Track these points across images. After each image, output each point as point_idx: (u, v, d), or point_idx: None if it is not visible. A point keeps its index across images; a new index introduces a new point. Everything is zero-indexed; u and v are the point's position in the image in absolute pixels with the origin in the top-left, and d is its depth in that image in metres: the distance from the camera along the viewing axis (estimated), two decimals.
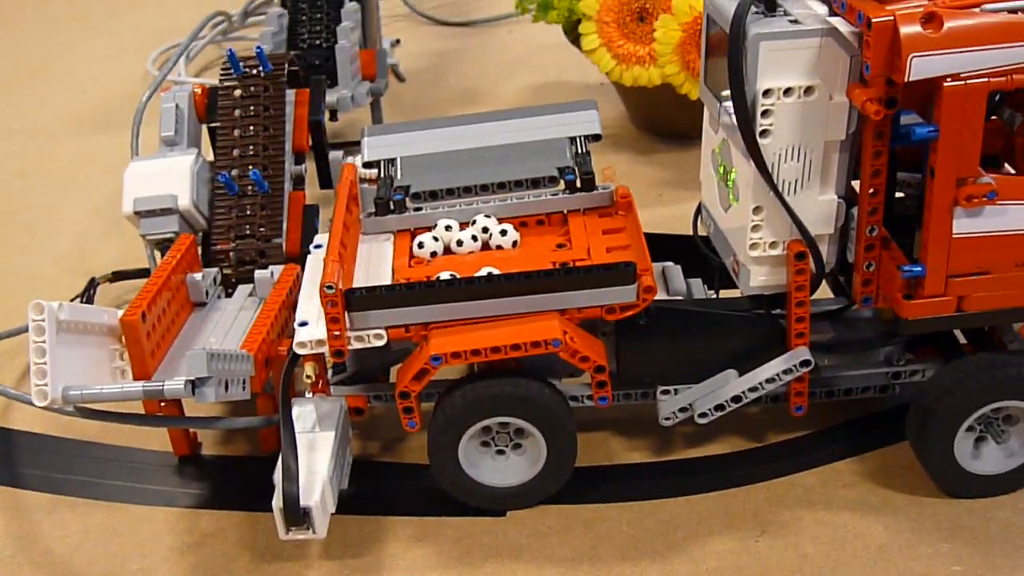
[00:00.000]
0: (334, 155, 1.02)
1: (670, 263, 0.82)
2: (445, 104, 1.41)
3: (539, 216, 0.81)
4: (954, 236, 0.66)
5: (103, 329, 0.75)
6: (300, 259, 0.92)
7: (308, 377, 0.75)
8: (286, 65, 0.98)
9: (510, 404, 0.72)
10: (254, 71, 0.98)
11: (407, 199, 0.82)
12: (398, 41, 1.57)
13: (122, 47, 1.79)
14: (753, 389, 0.74)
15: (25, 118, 1.55)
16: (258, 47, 0.98)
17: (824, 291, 0.76)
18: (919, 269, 0.67)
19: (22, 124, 1.53)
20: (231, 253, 0.91)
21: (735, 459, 0.80)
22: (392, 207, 0.82)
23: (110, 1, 2.05)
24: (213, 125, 0.98)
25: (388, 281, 0.76)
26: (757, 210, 0.70)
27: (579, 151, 0.83)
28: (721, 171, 0.75)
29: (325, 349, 0.73)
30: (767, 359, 0.75)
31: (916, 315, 0.69)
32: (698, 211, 0.82)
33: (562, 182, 0.81)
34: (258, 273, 0.86)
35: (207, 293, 0.87)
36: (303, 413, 0.74)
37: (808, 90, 0.66)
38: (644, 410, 0.80)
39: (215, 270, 0.89)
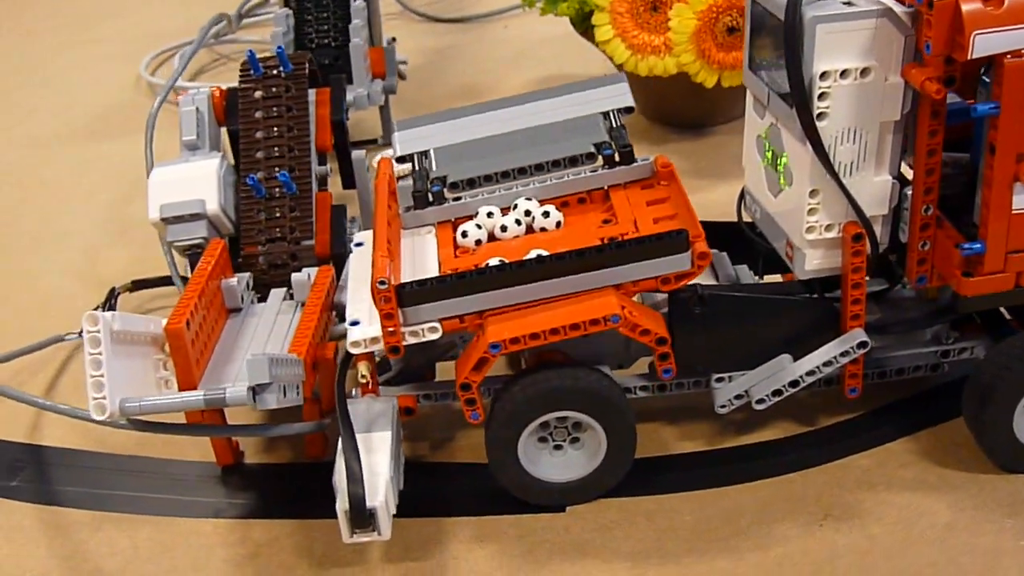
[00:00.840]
0: (357, 154, 1.00)
1: (714, 250, 0.82)
2: (448, 101, 1.40)
3: (580, 194, 0.80)
4: (1014, 212, 0.66)
5: (147, 339, 0.73)
6: (331, 260, 0.91)
7: (363, 377, 0.74)
8: (307, 65, 0.97)
9: (571, 397, 0.71)
10: (274, 71, 0.97)
11: (445, 190, 0.81)
12: (394, 39, 1.55)
13: (109, 53, 1.76)
14: (811, 373, 0.74)
15: (16, 128, 1.52)
16: (279, 47, 0.96)
17: None
18: (979, 246, 0.67)
19: (14, 134, 1.50)
20: (260, 257, 0.90)
21: (790, 444, 0.79)
22: (431, 199, 0.81)
23: (89, 8, 2.02)
24: (233, 128, 0.96)
25: (436, 273, 0.75)
26: (813, 193, 0.69)
27: (613, 125, 0.82)
28: (769, 156, 0.75)
29: (379, 347, 0.72)
30: (821, 342, 0.75)
31: (975, 292, 0.69)
32: (742, 196, 0.81)
33: (600, 158, 0.80)
34: (295, 276, 0.85)
35: (242, 298, 0.85)
36: (356, 414, 0.73)
37: (864, 71, 0.66)
38: (693, 399, 0.80)
39: (247, 275, 0.88)
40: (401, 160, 0.84)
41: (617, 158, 0.79)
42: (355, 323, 0.73)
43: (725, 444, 0.80)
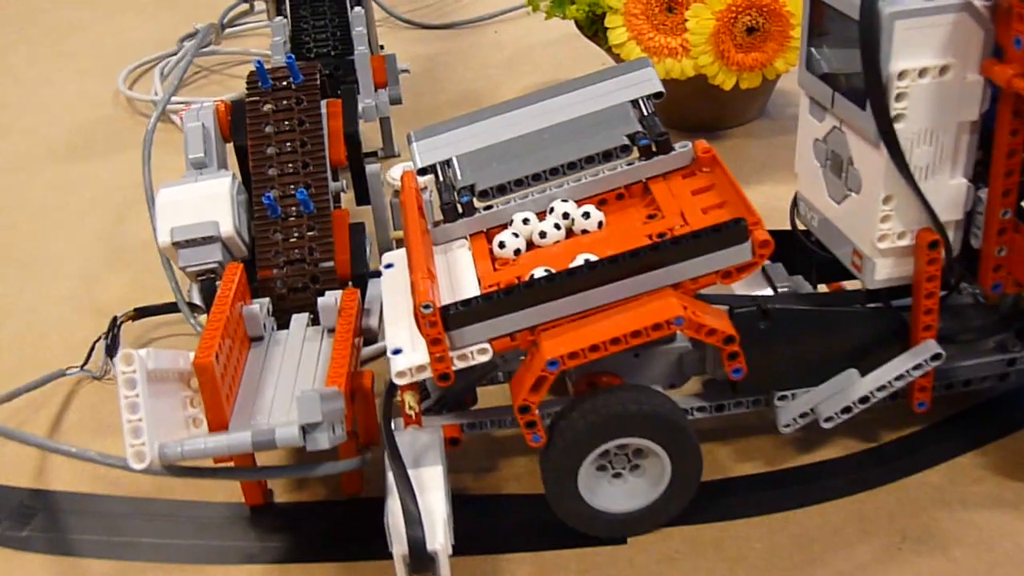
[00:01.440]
0: (372, 168, 0.95)
1: (768, 262, 0.78)
2: (447, 109, 1.36)
3: (618, 190, 0.76)
4: None
5: (175, 375, 0.68)
6: (353, 282, 0.86)
7: (411, 409, 0.69)
8: (318, 75, 0.92)
9: (636, 423, 0.67)
10: (284, 83, 0.91)
11: (475, 199, 0.76)
12: (382, 47, 1.50)
13: (83, 68, 1.69)
14: (882, 388, 0.71)
15: None
16: (288, 56, 0.91)
17: None
18: None
19: None
20: (278, 281, 0.84)
21: (854, 462, 0.76)
22: (461, 210, 0.76)
23: (55, 21, 1.94)
24: (240, 144, 0.91)
25: (476, 290, 0.70)
26: (887, 200, 0.66)
27: (645, 113, 0.77)
28: (830, 161, 0.71)
29: (427, 375, 0.67)
30: (888, 354, 0.71)
31: None
32: (795, 203, 0.77)
33: (635, 149, 0.75)
34: (321, 301, 0.80)
35: (264, 326, 0.80)
36: (402, 448, 0.68)
37: (943, 70, 0.62)
38: (745, 419, 0.76)
39: (266, 300, 0.82)
40: (423, 172, 0.79)
41: (654, 148, 0.75)
42: (397, 351, 0.69)
43: (785, 464, 0.76)
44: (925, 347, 0.70)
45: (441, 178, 0.78)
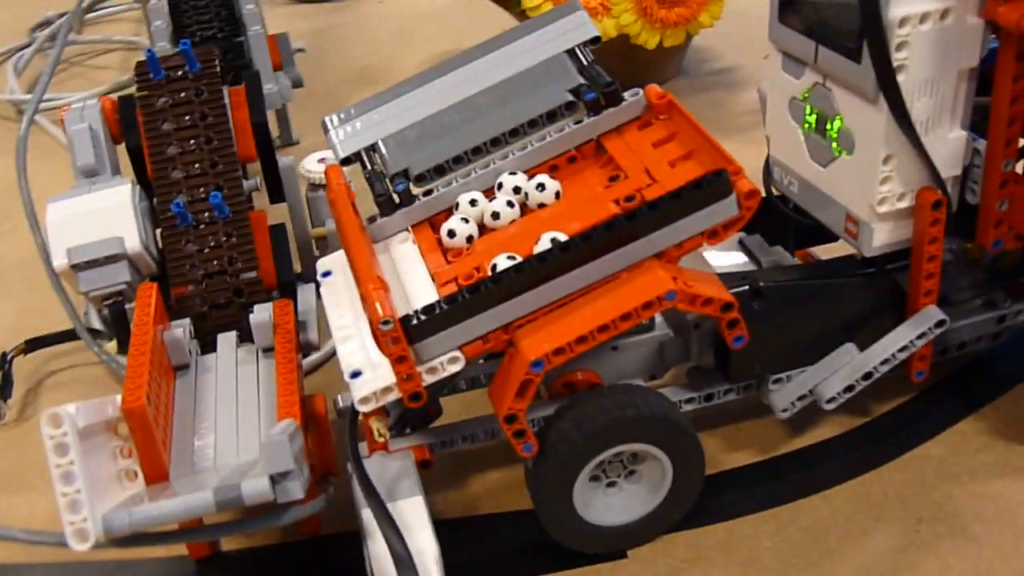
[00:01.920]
0: (285, 161, 0.85)
1: (742, 234, 0.72)
2: (343, 89, 1.26)
3: (569, 153, 0.68)
4: None
5: (102, 426, 0.58)
6: (280, 291, 0.77)
7: (380, 436, 0.60)
8: (217, 61, 0.81)
9: (634, 428, 0.60)
10: (179, 72, 0.81)
11: (411, 185, 0.67)
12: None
13: None
14: (885, 362, 0.66)
15: None
16: (183, 42, 0.80)
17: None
18: None
19: None
20: (197, 298, 0.74)
21: (851, 441, 0.71)
22: (398, 200, 0.67)
23: None
24: (133, 145, 0.80)
25: (431, 290, 0.62)
26: (887, 159, 0.60)
27: (584, 62, 0.69)
28: (812, 121, 0.65)
29: (394, 396, 0.58)
30: (885, 324, 0.66)
31: None
32: (767, 168, 0.72)
33: (581, 104, 0.67)
34: (253, 318, 0.70)
35: (189, 351, 0.70)
36: (373, 480, 0.60)
37: (944, 14, 0.57)
38: (728, 405, 0.70)
39: (186, 321, 0.72)
40: (346, 162, 0.70)
41: (602, 101, 0.67)
42: (356, 374, 0.60)
43: (780, 450, 0.71)
44: (927, 314, 0.65)
45: (369, 166, 0.69)
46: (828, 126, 0.64)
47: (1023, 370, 0.75)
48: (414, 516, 0.58)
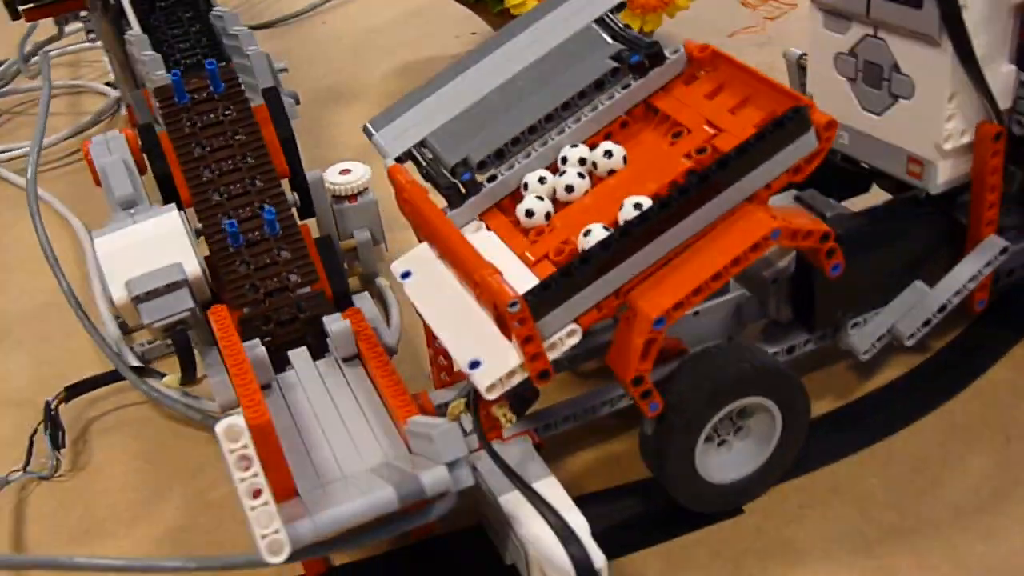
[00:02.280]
0: (313, 174, 0.84)
1: (795, 191, 0.74)
2: (316, 107, 1.24)
3: (620, 119, 0.68)
4: None
5: None
6: (337, 302, 0.76)
7: (509, 422, 0.60)
8: (239, 79, 0.80)
9: (752, 382, 0.62)
10: (203, 95, 0.79)
11: (475, 174, 0.68)
12: None
13: None
14: (958, 293, 0.69)
15: None
16: (209, 61, 0.78)
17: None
18: None
19: None
20: (259, 318, 0.73)
21: (921, 375, 0.74)
22: (465, 190, 0.67)
23: None
24: (162, 172, 0.78)
25: (525, 271, 0.62)
26: (952, 97, 0.63)
27: (617, 28, 0.70)
28: (862, 73, 0.68)
29: (519, 379, 0.59)
30: (947, 258, 0.70)
31: None
32: None
33: (626, 68, 0.68)
34: (333, 329, 0.69)
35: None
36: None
37: None
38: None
39: (255, 342, 0.71)
40: (399, 162, 0.70)
41: (646, 63, 0.67)
42: (475, 364, 0.60)
43: (857, 394, 0.73)
44: (992, 243, 0.69)
45: (424, 163, 0.69)
46: (881, 75, 0.67)
47: None
48: (556, 496, 0.59)
